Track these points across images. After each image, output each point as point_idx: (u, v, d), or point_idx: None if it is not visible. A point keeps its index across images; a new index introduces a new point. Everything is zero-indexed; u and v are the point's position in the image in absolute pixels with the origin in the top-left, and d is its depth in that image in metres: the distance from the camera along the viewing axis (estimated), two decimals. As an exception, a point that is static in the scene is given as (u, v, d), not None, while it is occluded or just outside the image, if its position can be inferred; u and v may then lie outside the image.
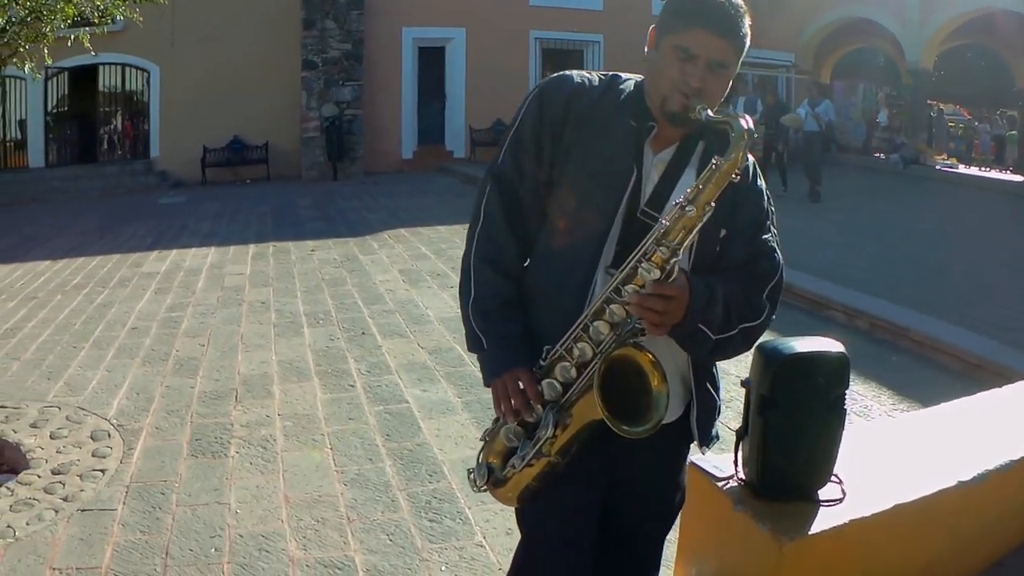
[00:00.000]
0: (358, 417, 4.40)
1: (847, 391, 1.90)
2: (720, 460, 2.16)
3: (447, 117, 15.62)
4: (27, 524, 3.47)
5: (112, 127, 16.09)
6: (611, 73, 1.54)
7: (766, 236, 1.52)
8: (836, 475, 1.98)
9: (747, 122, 1.33)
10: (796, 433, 1.87)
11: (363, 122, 14.04)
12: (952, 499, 2.06)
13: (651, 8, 15.83)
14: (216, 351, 5.79)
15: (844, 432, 1.95)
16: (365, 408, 4.54)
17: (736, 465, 1.98)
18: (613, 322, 1.35)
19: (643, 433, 1.34)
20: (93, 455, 4.17)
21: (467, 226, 1.58)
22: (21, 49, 3.85)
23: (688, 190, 1.35)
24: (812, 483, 1.95)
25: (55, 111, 15.22)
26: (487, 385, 1.47)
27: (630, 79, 1.53)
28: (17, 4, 3.51)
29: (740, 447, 1.96)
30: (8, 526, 3.44)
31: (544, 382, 1.39)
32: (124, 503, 3.63)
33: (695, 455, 1.89)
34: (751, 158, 1.48)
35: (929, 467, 2.14)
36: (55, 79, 14.83)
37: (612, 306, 1.35)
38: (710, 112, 1.35)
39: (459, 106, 15.50)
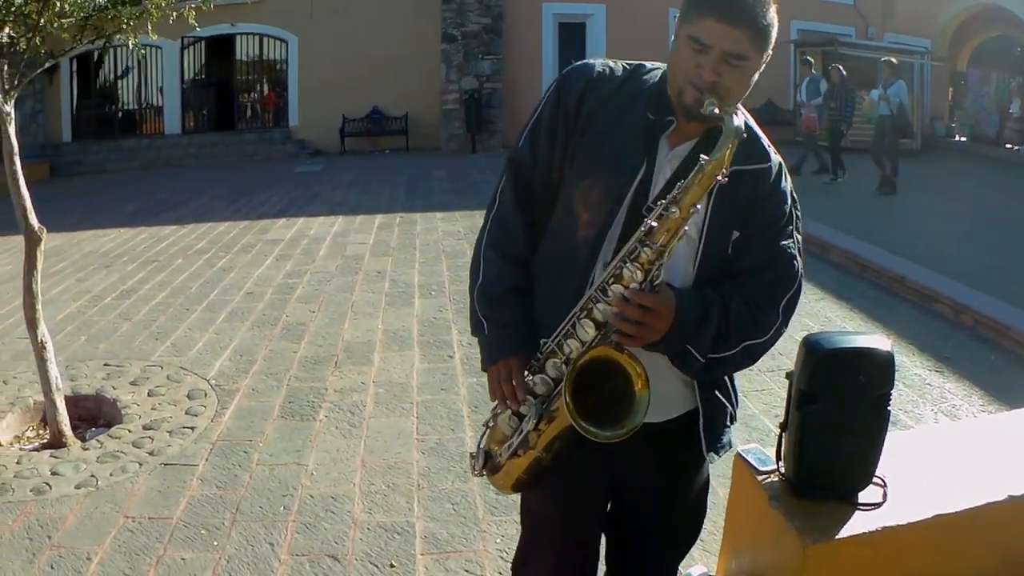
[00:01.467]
0: (450, 388, 4.67)
1: (891, 391, 2.01)
2: (769, 452, 2.36)
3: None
4: (110, 475, 3.98)
5: (251, 96, 18.47)
6: (636, 62, 1.68)
7: (785, 242, 1.61)
8: (880, 478, 2.14)
9: (739, 120, 1.44)
10: (834, 431, 2.04)
11: (502, 95, 15.66)
12: (1002, 513, 2.15)
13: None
14: (325, 317, 6.25)
15: (890, 432, 2.13)
16: (459, 379, 4.79)
17: (778, 459, 2.15)
18: (599, 321, 1.48)
19: (613, 438, 1.47)
20: (186, 413, 4.68)
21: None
22: (124, 26, 4.46)
23: (675, 189, 1.45)
24: (851, 484, 2.11)
25: (193, 79, 17.88)
26: (484, 370, 1.68)
27: (656, 69, 1.65)
28: None
29: (782, 441, 2.12)
30: (92, 476, 3.97)
31: (538, 376, 1.56)
32: (207, 459, 4.04)
33: (746, 445, 2.18)
34: (779, 159, 1.63)
35: (983, 477, 2.25)
36: (192, 48, 17.42)
37: (598, 305, 1.48)
38: (716, 109, 1.44)
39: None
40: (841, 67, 12.54)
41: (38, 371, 4.44)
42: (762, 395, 4.59)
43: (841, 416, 2.04)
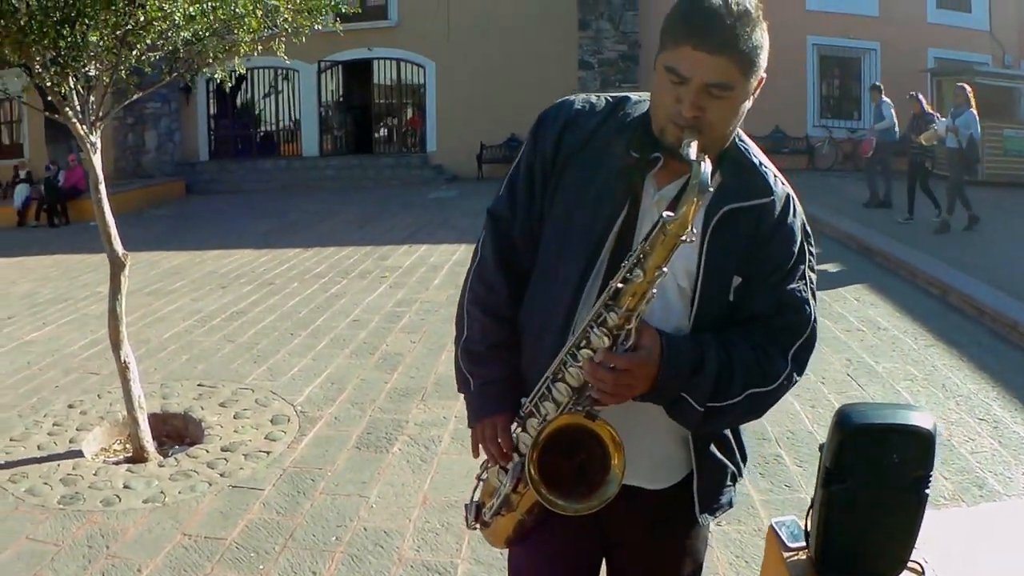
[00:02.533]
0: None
1: (930, 473, 1.99)
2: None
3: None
4: (179, 493, 4.40)
5: (389, 120, 20.00)
6: (622, 95, 1.71)
7: (794, 285, 1.62)
8: (919, 561, 2.12)
9: (706, 169, 1.41)
10: (862, 513, 2.05)
11: None
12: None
13: (926, 15, 18.55)
14: (424, 349, 6.57)
15: (962, 503, 2.29)
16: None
17: (806, 537, 2.17)
18: (573, 385, 1.53)
19: (583, 511, 1.53)
20: (266, 437, 5.08)
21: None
22: (211, 59, 5.07)
23: (637, 249, 1.47)
24: (880, 569, 2.11)
25: (330, 103, 19.63)
26: (469, 427, 1.78)
27: (642, 101, 1.66)
28: (208, 18, 4.66)
29: (809, 517, 2.14)
30: (161, 492, 4.41)
31: (521, 434, 1.64)
32: (274, 485, 4.38)
33: (781, 516, 2.24)
34: (787, 191, 1.63)
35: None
36: (329, 72, 19.19)
37: (570, 369, 1.52)
38: (692, 150, 1.43)
39: (738, 112, 18.71)
40: (921, 95, 12.56)
41: (122, 389, 5.00)
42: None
43: (870, 498, 2.04)
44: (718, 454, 1.72)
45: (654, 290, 1.46)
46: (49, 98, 4.64)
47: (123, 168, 20.05)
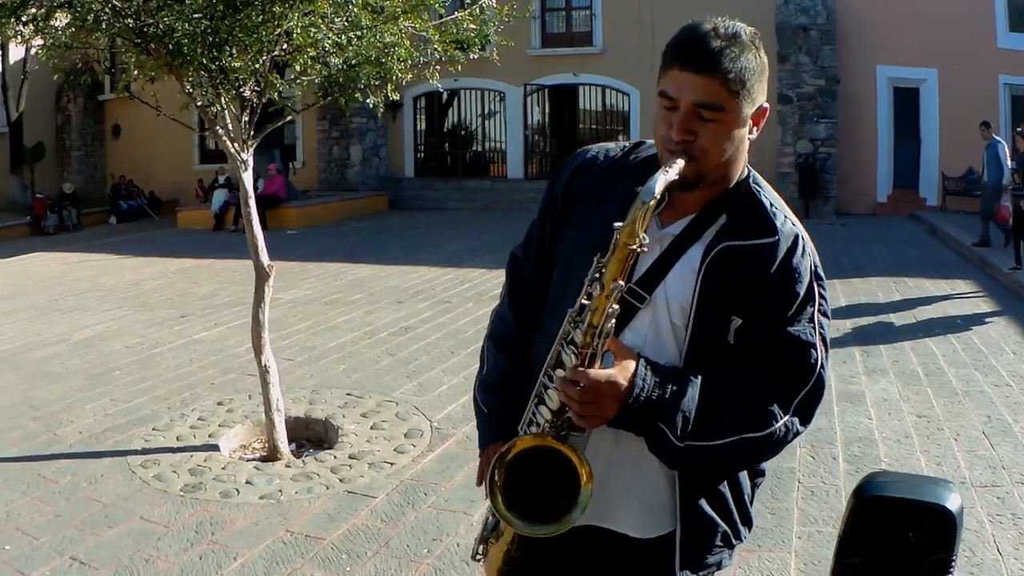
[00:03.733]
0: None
1: (952, 556, 1.89)
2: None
3: (922, 162, 19.52)
4: (295, 492, 4.87)
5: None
6: (638, 140, 1.89)
7: (798, 328, 1.70)
8: None
9: (657, 185, 1.54)
10: None
11: (837, 161, 18.30)
12: None
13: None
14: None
15: None
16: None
17: None
18: (552, 408, 1.66)
19: (546, 533, 1.66)
20: (395, 449, 5.48)
21: (895, 279, 2.07)
22: (363, 86, 5.65)
23: (595, 265, 1.61)
24: None
25: (536, 126, 20.93)
26: (479, 455, 2.00)
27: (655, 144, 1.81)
28: (354, 46, 5.25)
29: None
30: (279, 490, 4.90)
31: None
32: (387, 494, 4.75)
33: None
34: (796, 231, 1.73)
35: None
36: (535, 96, 20.47)
37: (548, 391, 1.67)
38: (667, 171, 1.58)
39: (933, 151, 19.28)
40: None
41: (262, 392, 5.59)
42: None
43: None
44: (708, 509, 1.77)
45: (615, 306, 1.57)
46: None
47: (327, 180, 22.08)
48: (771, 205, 1.75)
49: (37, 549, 4.26)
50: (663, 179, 1.56)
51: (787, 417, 1.68)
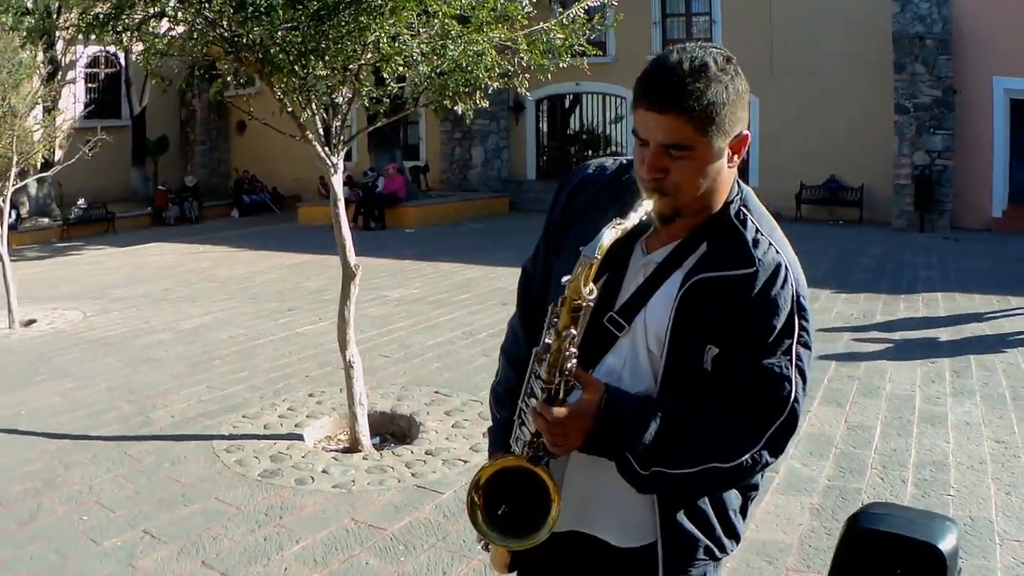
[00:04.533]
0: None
1: None
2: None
3: (1038, 179, 19.23)
4: (367, 484, 5.20)
5: None
6: (630, 159, 1.95)
7: (773, 360, 1.77)
8: None
9: (604, 240, 1.67)
10: None
11: (952, 174, 18.57)
12: None
13: None
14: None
15: None
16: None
17: None
18: (531, 431, 1.82)
19: (515, 547, 1.86)
20: (471, 448, 5.75)
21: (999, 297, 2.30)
22: (451, 94, 5.97)
23: (550, 312, 1.75)
24: None
25: None
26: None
27: None
28: (440, 56, 5.57)
29: None
30: (352, 480, 5.24)
31: None
32: (455, 491, 5.02)
33: None
34: (779, 261, 1.79)
35: None
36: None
37: (525, 415, 1.83)
38: (634, 215, 1.72)
39: (1049, 169, 18.89)
40: None
41: (346, 386, 5.95)
42: None
43: None
44: (687, 524, 1.88)
45: (573, 350, 1.71)
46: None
47: (449, 180, 22.83)
48: (757, 231, 1.81)
49: (112, 521, 4.71)
50: (609, 234, 1.67)
51: (756, 449, 1.77)
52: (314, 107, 5.66)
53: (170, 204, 24.08)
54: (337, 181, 5.90)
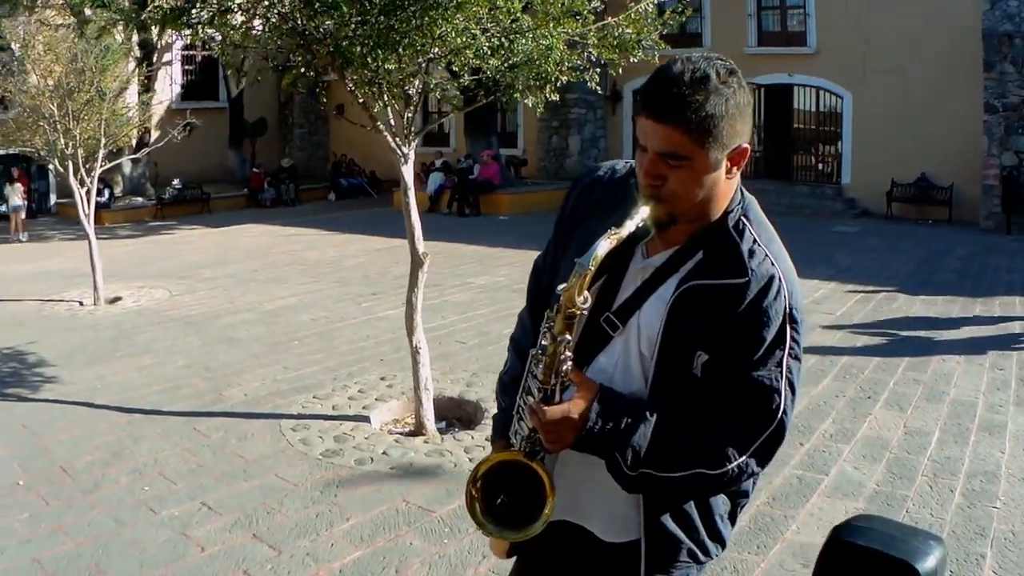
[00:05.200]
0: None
1: None
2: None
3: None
4: (424, 467, 5.42)
5: (809, 148, 22.05)
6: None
7: (763, 372, 1.84)
8: None
9: (599, 250, 1.76)
10: None
11: None
12: None
13: None
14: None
15: None
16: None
17: None
18: (528, 426, 1.92)
19: (511, 538, 1.98)
20: (534, 435, 5.90)
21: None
22: (521, 87, 6.12)
23: (546, 317, 1.86)
24: None
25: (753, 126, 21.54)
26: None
27: None
28: (507, 49, 5.71)
29: None
30: (410, 463, 5.47)
31: None
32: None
33: None
34: (773, 272, 1.85)
35: None
36: (753, 94, 21.23)
37: (524, 411, 1.94)
38: (630, 223, 1.80)
39: None
40: None
41: (412, 371, 6.18)
42: None
43: None
44: (671, 526, 1.97)
45: (568, 354, 1.81)
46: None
47: (545, 168, 23.13)
48: (755, 242, 1.87)
49: (173, 493, 5.02)
50: (604, 245, 1.75)
51: (743, 458, 1.84)
52: (385, 99, 5.88)
53: (266, 186, 24.84)
54: (408, 171, 6.12)
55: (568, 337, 1.80)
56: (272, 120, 29.36)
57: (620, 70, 6.27)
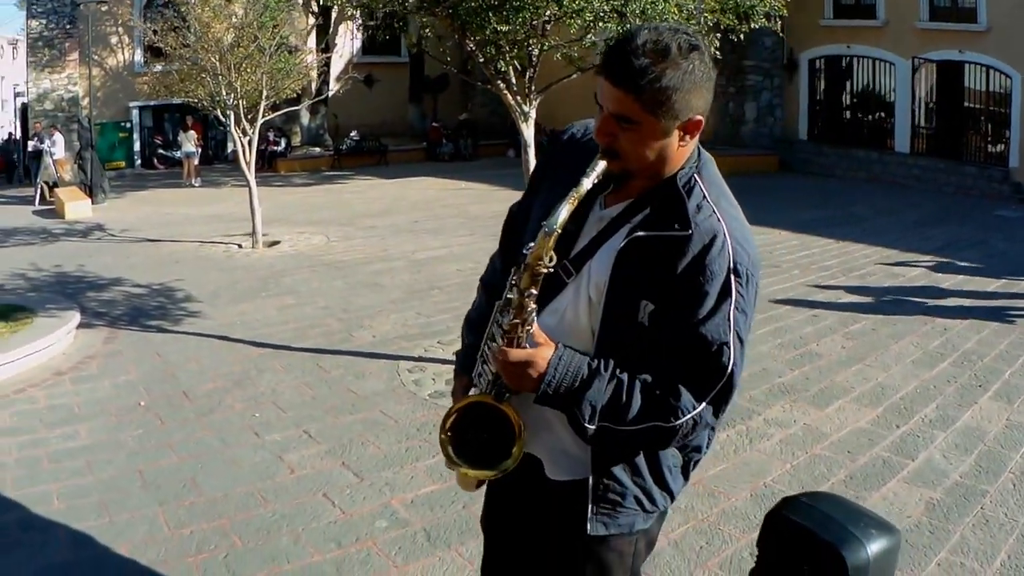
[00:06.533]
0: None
1: None
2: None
3: None
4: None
5: (978, 128, 20.83)
6: None
7: (710, 326, 1.89)
8: None
9: (561, 215, 1.88)
10: None
11: None
12: None
13: None
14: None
15: None
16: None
17: None
18: (493, 370, 2.05)
19: (482, 476, 2.12)
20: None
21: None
22: None
23: (513, 274, 1.98)
24: None
25: (923, 101, 20.80)
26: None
27: None
28: (618, 12, 5.73)
29: None
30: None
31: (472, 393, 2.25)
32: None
33: None
34: (719, 228, 1.90)
35: None
36: (922, 69, 20.05)
37: (488, 356, 2.08)
38: (586, 180, 1.92)
39: None
40: None
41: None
42: None
43: None
44: (618, 470, 2.06)
45: (533, 306, 1.94)
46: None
47: (720, 134, 22.87)
48: (703, 198, 1.94)
49: (280, 420, 5.39)
50: (567, 208, 1.88)
51: (696, 411, 1.89)
52: (506, 59, 6.05)
53: (444, 140, 25.40)
54: (528, 130, 6.27)
55: (534, 291, 1.91)
56: (455, 76, 29.97)
57: (741, 36, 6.24)
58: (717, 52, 6.71)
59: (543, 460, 2.14)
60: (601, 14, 5.68)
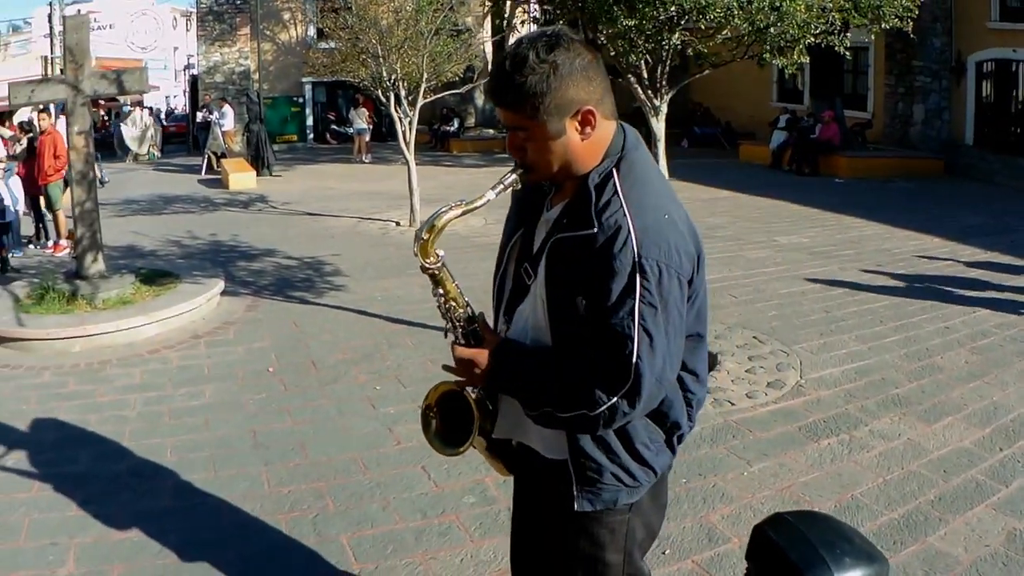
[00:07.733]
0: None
1: None
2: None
3: None
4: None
5: None
6: None
7: (615, 320, 2.00)
8: None
9: (436, 217, 2.16)
10: None
11: None
12: None
13: None
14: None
15: None
16: None
17: None
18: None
19: (448, 455, 2.40)
20: (746, 395, 6.04)
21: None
22: (767, 49, 6.12)
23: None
24: None
25: None
26: None
27: None
28: (745, 10, 5.74)
29: None
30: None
31: None
32: (700, 428, 5.35)
33: None
34: (622, 224, 2.00)
35: None
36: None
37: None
38: (490, 192, 2.15)
39: None
40: None
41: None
42: None
43: None
44: (592, 449, 2.19)
45: (450, 305, 2.25)
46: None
47: (890, 135, 22.34)
48: (614, 194, 2.04)
49: (398, 394, 5.82)
50: (447, 216, 2.16)
51: (611, 401, 2.01)
52: (638, 53, 6.22)
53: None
54: (659, 126, 6.43)
55: (441, 292, 2.24)
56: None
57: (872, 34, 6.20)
58: (846, 52, 6.68)
59: (536, 440, 2.30)
60: (730, 9, 5.76)
